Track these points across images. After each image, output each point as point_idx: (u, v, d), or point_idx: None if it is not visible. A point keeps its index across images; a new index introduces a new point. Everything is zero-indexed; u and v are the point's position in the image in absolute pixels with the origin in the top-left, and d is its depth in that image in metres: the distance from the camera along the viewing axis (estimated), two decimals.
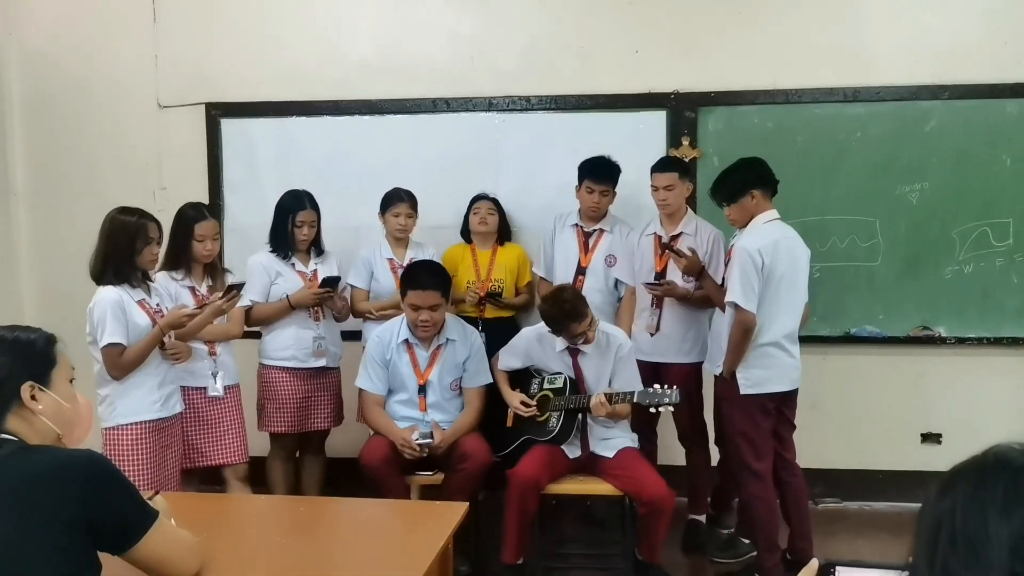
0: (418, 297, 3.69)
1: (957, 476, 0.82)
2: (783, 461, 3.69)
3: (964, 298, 4.50)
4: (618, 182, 4.24)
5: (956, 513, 0.79)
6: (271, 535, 2.52)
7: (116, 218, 3.33)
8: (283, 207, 4.12)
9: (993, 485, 0.79)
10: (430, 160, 4.70)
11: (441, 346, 3.83)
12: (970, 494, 0.79)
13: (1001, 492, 0.78)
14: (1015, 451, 0.81)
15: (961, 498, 0.80)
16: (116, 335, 3.24)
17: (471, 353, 3.86)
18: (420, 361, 3.83)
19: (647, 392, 3.46)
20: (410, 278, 3.77)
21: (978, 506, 0.78)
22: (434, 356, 3.83)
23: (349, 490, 3.50)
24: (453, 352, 3.84)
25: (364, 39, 4.78)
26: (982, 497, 0.79)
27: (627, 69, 4.60)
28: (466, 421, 3.81)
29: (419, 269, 3.84)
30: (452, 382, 3.86)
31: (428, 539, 2.33)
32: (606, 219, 4.30)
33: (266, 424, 4.13)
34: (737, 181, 3.64)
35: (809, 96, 4.51)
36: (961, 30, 4.43)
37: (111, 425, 3.33)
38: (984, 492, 0.79)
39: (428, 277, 3.74)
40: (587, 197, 4.21)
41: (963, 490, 0.81)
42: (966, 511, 0.79)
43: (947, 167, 4.45)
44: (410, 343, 3.83)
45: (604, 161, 4.21)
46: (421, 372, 3.83)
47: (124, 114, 4.93)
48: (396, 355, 3.82)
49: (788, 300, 3.55)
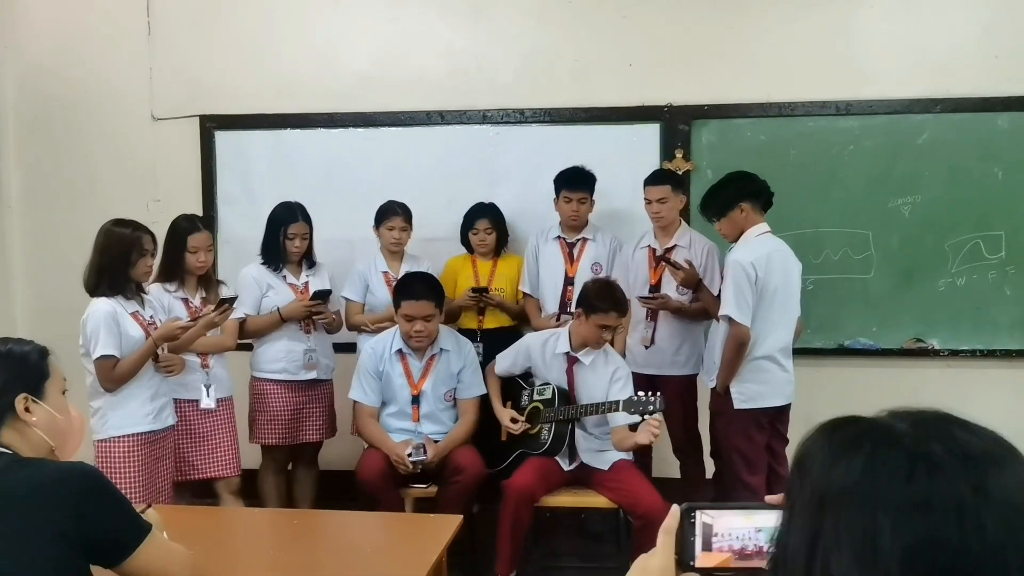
0: (412, 307, 3.70)
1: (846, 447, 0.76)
2: (776, 476, 3.68)
3: (957, 310, 4.51)
4: (594, 190, 4.26)
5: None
6: (264, 548, 2.51)
7: (111, 230, 3.32)
8: (275, 219, 4.12)
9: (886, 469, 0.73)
10: (425, 172, 4.70)
11: (435, 356, 3.84)
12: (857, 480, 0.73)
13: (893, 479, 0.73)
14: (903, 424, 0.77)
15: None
16: (109, 347, 3.23)
17: (465, 364, 3.87)
18: (414, 371, 3.83)
19: (631, 401, 3.47)
20: (404, 289, 3.79)
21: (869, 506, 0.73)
22: (428, 366, 3.83)
23: (342, 503, 3.49)
24: (447, 362, 3.84)
25: (360, 52, 4.79)
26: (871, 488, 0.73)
27: (621, 82, 4.62)
28: (460, 433, 3.80)
29: (412, 280, 3.85)
30: (446, 393, 3.85)
31: (422, 552, 2.32)
32: (588, 228, 4.32)
33: (258, 436, 4.11)
34: (725, 195, 3.64)
35: (802, 109, 4.53)
36: (953, 44, 4.46)
37: (103, 437, 3.32)
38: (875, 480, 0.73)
39: (421, 288, 3.76)
40: (565, 207, 4.23)
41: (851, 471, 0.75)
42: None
43: (940, 180, 4.47)
44: (404, 353, 3.83)
45: (578, 169, 4.25)
46: (415, 382, 3.82)
47: (119, 126, 4.93)
48: (389, 365, 3.81)
49: (781, 313, 3.56)
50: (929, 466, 0.73)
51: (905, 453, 0.74)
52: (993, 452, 0.75)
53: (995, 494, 0.71)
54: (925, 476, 0.72)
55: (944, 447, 0.74)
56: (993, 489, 0.72)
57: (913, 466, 0.73)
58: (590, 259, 4.29)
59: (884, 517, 0.71)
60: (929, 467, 0.73)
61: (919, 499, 0.71)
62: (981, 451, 0.74)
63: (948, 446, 0.74)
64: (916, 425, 0.77)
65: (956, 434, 0.75)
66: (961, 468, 0.72)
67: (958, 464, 0.73)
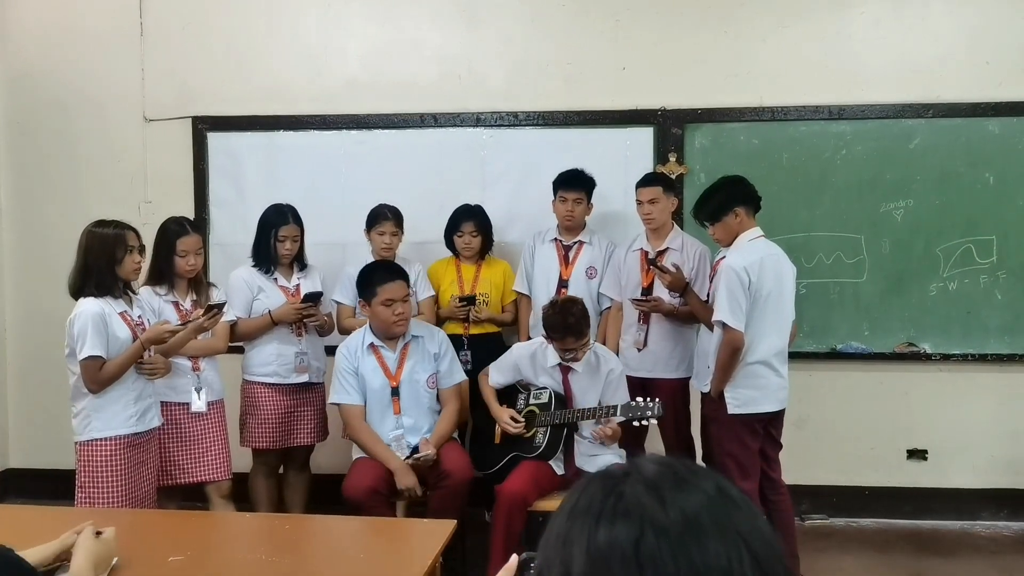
0: (390, 290, 3.70)
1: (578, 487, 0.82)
2: (768, 480, 3.67)
3: (949, 315, 4.53)
4: (592, 193, 4.26)
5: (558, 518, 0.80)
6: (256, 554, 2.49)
7: (92, 231, 3.30)
8: (266, 222, 4.10)
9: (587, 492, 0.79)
10: (417, 175, 4.69)
11: (408, 343, 3.82)
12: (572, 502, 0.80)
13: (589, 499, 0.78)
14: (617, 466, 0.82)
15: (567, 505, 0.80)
16: (96, 348, 3.19)
17: (441, 351, 3.86)
18: (389, 363, 3.80)
19: (630, 406, 3.45)
20: (375, 276, 3.78)
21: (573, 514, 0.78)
22: (403, 355, 3.81)
23: (334, 507, 3.47)
24: (422, 347, 3.83)
25: (352, 54, 4.78)
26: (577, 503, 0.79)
27: (614, 86, 4.62)
28: (446, 424, 3.79)
29: (380, 267, 3.89)
30: (428, 378, 3.83)
31: (416, 557, 2.31)
32: (584, 231, 4.32)
33: (248, 440, 4.09)
34: (719, 200, 3.63)
35: (795, 114, 4.54)
36: (944, 50, 4.48)
37: (85, 439, 3.28)
38: (579, 497, 0.79)
39: (392, 270, 3.80)
40: (561, 207, 4.24)
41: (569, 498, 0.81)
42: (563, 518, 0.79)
43: (931, 185, 4.49)
44: (376, 346, 3.80)
45: (576, 171, 4.26)
46: (392, 374, 3.79)
47: (110, 127, 4.90)
48: (362, 361, 3.78)
49: (775, 318, 3.55)
50: (616, 510, 0.76)
51: (602, 496, 0.78)
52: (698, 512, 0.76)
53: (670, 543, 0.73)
54: (610, 514, 0.76)
55: (646, 493, 0.76)
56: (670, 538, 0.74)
57: (603, 504, 0.77)
58: (585, 263, 4.28)
59: (578, 552, 0.76)
60: (615, 511, 0.76)
61: (602, 541, 0.75)
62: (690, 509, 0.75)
63: (651, 495, 0.76)
64: (642, 477, 0.79)
65: (667, 495, 0.76)
66: (646, 516, 0.75)
67: (644, 510, 0.75)
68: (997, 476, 4.58)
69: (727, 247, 3.65)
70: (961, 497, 4.57)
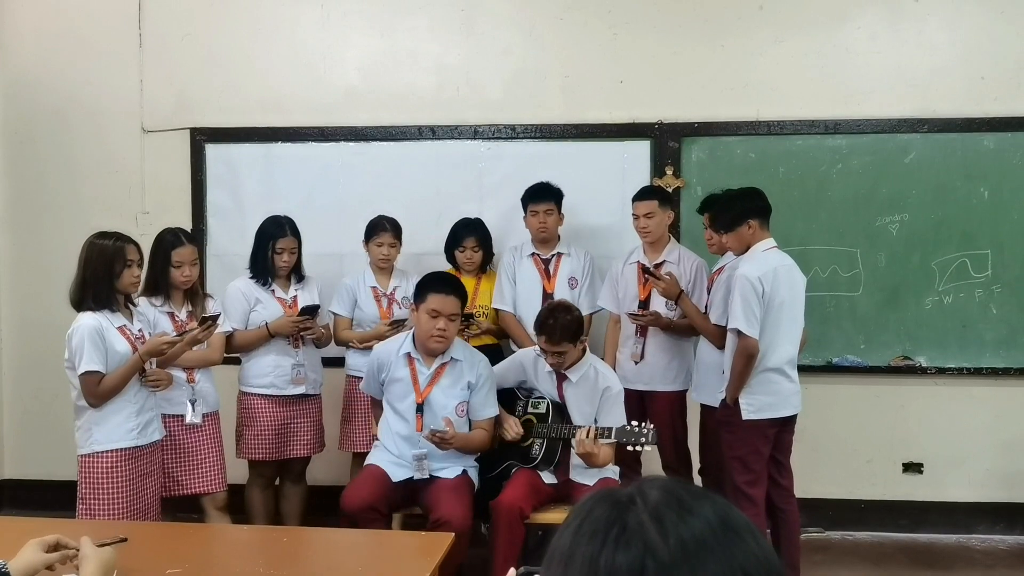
0: (440, 302, 3.47)
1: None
2: (779, 489, 3.69)
3: (944, 328, 4.54)
4: (561, 204, 4.27)
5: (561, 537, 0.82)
6: (252, 566, 2.48)
7: (93, 243, 3.29)
8: (263, 233, 4.10)
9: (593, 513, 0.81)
10: (415, 187, 4.70)
11: (445, 364, 3.60)
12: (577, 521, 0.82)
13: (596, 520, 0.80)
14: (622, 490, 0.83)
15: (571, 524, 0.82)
16: (94, 363, 3.18)
17: (479, 382, 3.61)
18: (420, 378, 3.60)
19: (625, 430, 3.45)
20: (433, 283, 3.57)
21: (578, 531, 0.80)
22: (437, 374, 3.60)
23: (330, 520, 3.45)
24: (459, 372, 3.60)
25: (350, 66, 4.80)
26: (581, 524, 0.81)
27: (612, 99, 4.64)
28: (476, 439, 3.59)
29: (442, 277, 3.69)
30: (458, 406, 3.59)
31: (413, 571, 2.30)
32: (561, 243, 4.33)
33: (244, 451, 4.08)
34: (735, 211, 3.68)
35: (791, 128, 4.56)
36: (940, 65, 4.51)
37: (87, 452, 3.27)
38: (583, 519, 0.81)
39: (450, 284, 3.58)
40: (533, 220, 4.26)
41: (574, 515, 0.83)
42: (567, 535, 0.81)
43: (927, 199, 4.51)
44: (412, 356, 3.61)
45: (543, 183, 4.28)
46: (420, 390, 3.59)
47: (108, 138, 4.90)
48: (395, 369, 3.61)
49: (788, 326, 3.60)
50: (619, 541, 0.78)
51: (606, 523, 0.79)
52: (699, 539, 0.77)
53: None
54: (613, 543, 0.78)
55: (650, 523, 0.78)
56: None
57: (608, 531, 0.78)
58: (566, 274, 4.29)
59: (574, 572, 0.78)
60: (618, 541, 0.78)
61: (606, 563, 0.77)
62: (691, 535, 0.77)
63: (654, 525, 0.78)
64: (647, 500, 0.81)
65: (665, 515, 0.78)
66: (649, 543, 0.76)
67: (649, 536, 0.77)
68: (993, 490, 4.59)
69: (739, 255, 3.69)
70: (957, 510, 4.58)
